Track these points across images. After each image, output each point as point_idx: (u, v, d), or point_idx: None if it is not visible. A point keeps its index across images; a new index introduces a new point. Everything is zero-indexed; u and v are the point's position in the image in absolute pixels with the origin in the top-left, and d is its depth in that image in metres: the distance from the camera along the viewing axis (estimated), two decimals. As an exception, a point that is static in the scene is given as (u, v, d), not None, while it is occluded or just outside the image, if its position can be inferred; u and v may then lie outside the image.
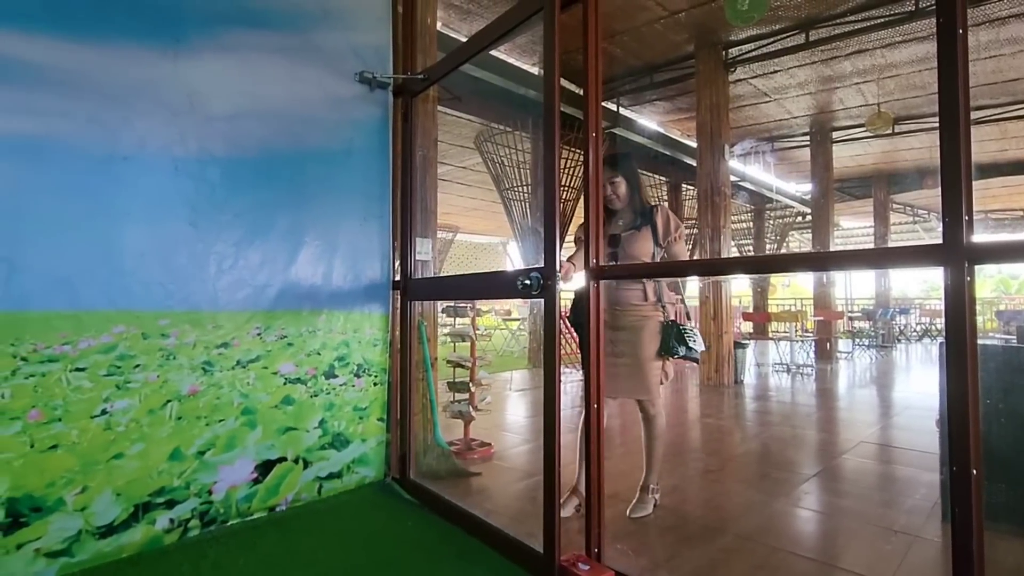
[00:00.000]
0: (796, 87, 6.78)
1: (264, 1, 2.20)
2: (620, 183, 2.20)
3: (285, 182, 2.25)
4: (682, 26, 5.40)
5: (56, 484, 1.69)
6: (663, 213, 2.22)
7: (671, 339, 2.13)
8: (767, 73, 6.33)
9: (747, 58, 5.86)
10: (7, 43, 1.65)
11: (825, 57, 5.91)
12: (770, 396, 5.29)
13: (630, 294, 2.17)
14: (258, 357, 2.15)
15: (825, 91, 6.94)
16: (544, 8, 1.75)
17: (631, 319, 2.17)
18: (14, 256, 1.64)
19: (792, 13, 5.12)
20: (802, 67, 6.18)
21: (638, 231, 2.19)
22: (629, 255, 2.17)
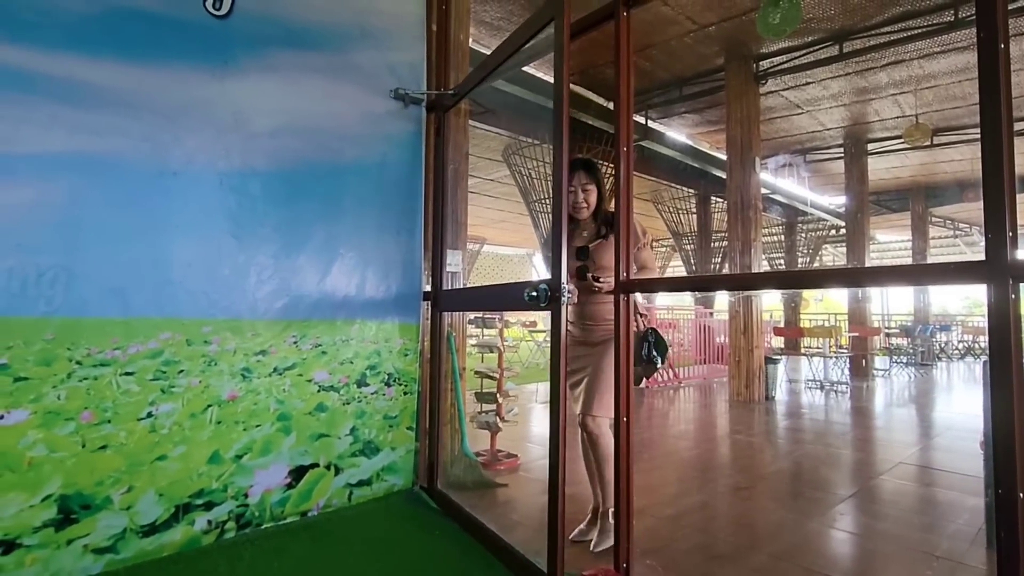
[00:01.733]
0: (829, 99, 6.68)
1: (307, 23, 2.29)
2: (592, 190, 2.11)
3: (322, 195, 2.32)
4: (712, 39, 5.39)
5: (104, 483, 1.77)
6: None
7: (650, 348, 2.00)
8: (799, 85, 6.25)
9: (778, 70, 5.80)
10: (75, 67, 1.76)
11: (860, 68, 5.82)
12: (803, 413, 5.16)
13: (602, 308, 2.06)
14: (294, 365, 2.22)
15: (860, 102, 6.81)
16: (555, 19, 1.78)
17: (600, 333, 2.06)
18: (73, 265, 1.73)
19: (825, 25, 5.06)
20: (835, 78, 6.09)
21: (605, 240, 2.09)
22: (600, 266, 2.07)
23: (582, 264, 2.08)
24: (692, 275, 9.72)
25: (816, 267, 12.88)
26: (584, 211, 2.11)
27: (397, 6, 2.59)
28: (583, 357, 2.09)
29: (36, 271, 1.67)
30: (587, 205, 2.11)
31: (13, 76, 1.66)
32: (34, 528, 1.64)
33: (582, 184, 2.09)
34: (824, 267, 14.93)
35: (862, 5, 4.65)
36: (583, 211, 2.11)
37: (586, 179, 2.10)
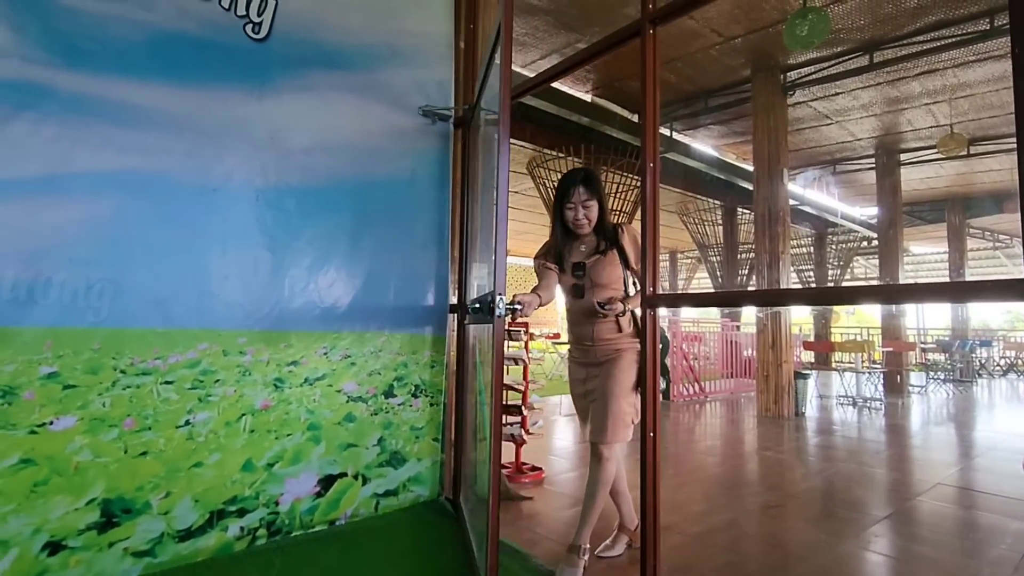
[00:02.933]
0: (859, 109, 6.56)
1: (340, 45, 2.37)
2: (593, 206, 1.98)
3: (352, 210, 2.38)
4: (738, 51, 5.37)
5: (144, 488, 1.83)
6: (631, 234, 2.00)
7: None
8: (828, 96, 6.17)
9: (807, 81, 5.74)
10: (125, 90, 1.86)
11: (891, 78, 5.71)
12: (834, 430, 5.02)
13: (601, 327, 1.96)
14: (324, 375, 2.27)
15: (892, 112, 6.68)
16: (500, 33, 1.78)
17: (603, 353, 1.95)
18: (120, 278, 1.82)
19: (855, 35, 5.00)
20: (866, 88, 5.99)
21: (604, 256, 1.98)
22: (598, 283, 1.96)
23: (578, 282, 1.97)
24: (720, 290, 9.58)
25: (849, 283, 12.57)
26: (584, 227, 1.99)
27: (426, 26, 2.67)
28: (587, 380, 2.00)
29: (86, 284, 1.76)
30: (588, 221, 1.98)
31: (71, 100, 1.76)
32: (79, 530, 1.71)
33: (582, 200, 1.97)
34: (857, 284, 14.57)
35: (893, 15, 4.59)
36: (583, 227, 1.99)
37: (586, 195, 1.97)
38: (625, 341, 1.95)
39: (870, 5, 4.45)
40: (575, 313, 2.02)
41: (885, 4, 4.42)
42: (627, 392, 1.89)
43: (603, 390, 1.91)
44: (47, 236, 1.71)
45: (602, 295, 1.93)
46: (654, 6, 1.76)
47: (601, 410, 1.90)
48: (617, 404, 1.87)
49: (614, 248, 1.98)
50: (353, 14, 2.41)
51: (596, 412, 1.91)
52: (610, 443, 1.87)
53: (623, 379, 1.90)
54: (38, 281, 1.68)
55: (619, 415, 1.87)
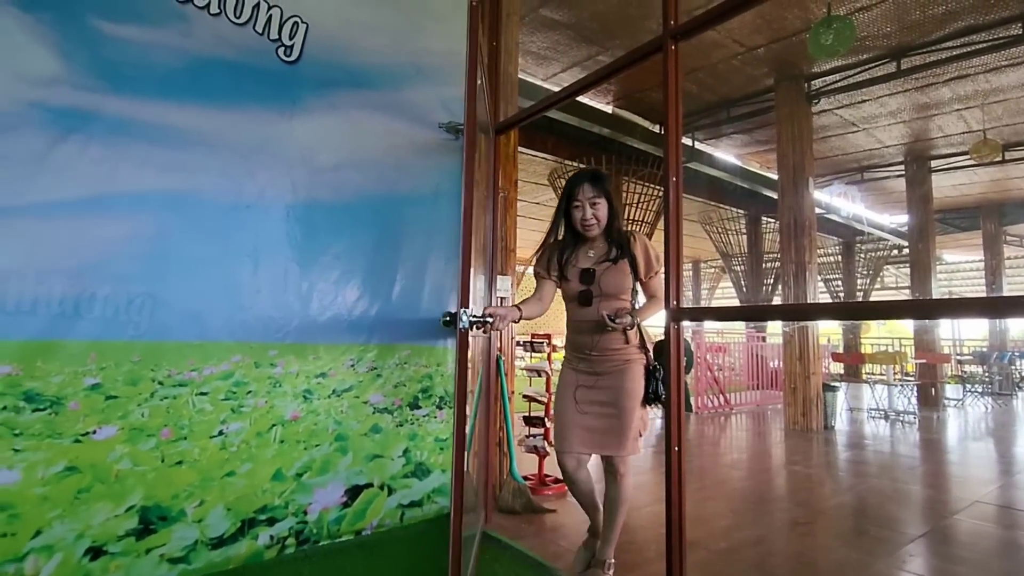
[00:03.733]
0: (887, 116, 6.45)
1: (367, 65, 2.44)
2: (602, 205, 1.90)
3: (379, 224, 2.44)
4: (760, 61, 5.34)
5: (179, 496, 1.89)
6: (642, 243, 1.94)
7: (658, 384, 1.88)
8: (855, 103, 6.08)
9: (832, 89, 5.67)
10: (164, 112, 1.95)
11: (920, 84, 5.61)
12: (866, 444, 4.89)
13: (609, 337, 1.89)
14: (351, 387, 2.31)
15: (921, 119, 6.54)
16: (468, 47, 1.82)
17: (611, 364, 1.89)
18: (158, 292, 1.89)
19: (881, 42, 4.93)
20: (893, 95, 5.89)
21: (614, 264, 1.89)
22: (606, 293, 1.89)
23: (586, 289, 1.89)
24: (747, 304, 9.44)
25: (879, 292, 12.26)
26: (594, 228, 1.90)
27: (450, 45, 2.72)
28: (591, 389, 1.91)
29: (127, 298, 1.84)
30: (597, 221, 1.89)
31: (115, 123, 1.85)
32: (118, 536, 1.77)
33: (588, 198, 1.89)
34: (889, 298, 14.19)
35: (921, 22, 4.52)
36: (593, 228, 1.90)
37: (592, 192, 1.89)
38: (633, 352, 1.89)
39: (896, 12, 4.40)
40: (579, 321, 1.93)
41: (912, 11, 4.36)
42: (637, 405, 1.87)
43: (617, 405, 1.86)
44: (92, 253, 1.79)
45: (610, 305, 1.86)
46: (676, 22, 1.78)
47: (616, 426, 1.85)
48: (631, 418, 1.85)
49: (625, 257, 1.90)
50: (379, 35, 2.48)
51: (610, 427, 1.86)
52: (626, 458, 1.87)
53: (635, 392, 1.86)
54: (83, 296, 1.76)
55: (633, 429, 1.85)
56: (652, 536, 2.40)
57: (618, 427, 1.85)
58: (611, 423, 1.86)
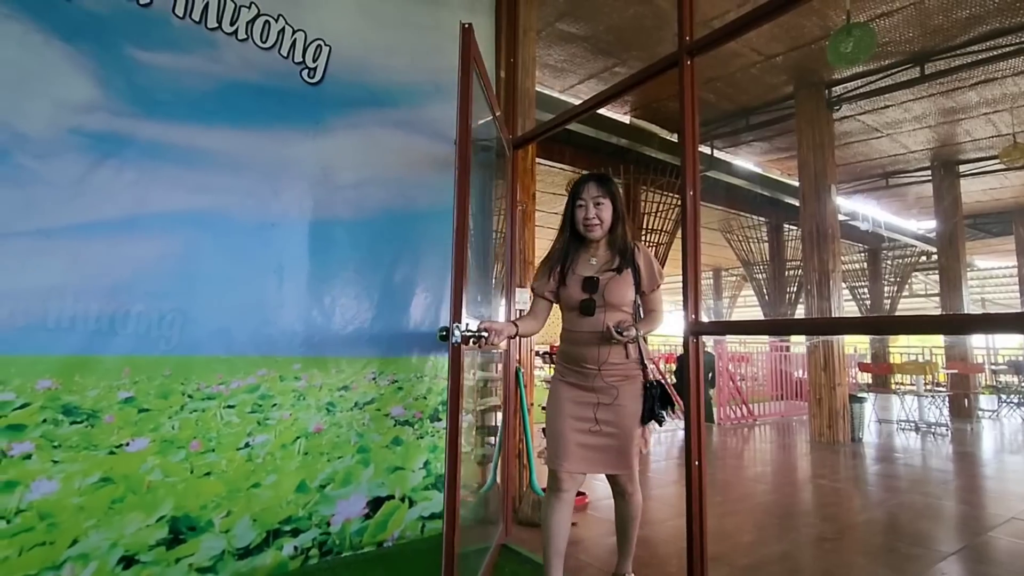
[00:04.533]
0: (912, 121, 6.33)
1: (388, 84, 2.50)
2: (607, 206, 1.80)
3: (399, 240, 2.49)
4: (779, 69, 5.31)
5: (207, 507, 1.94)
6: (645, 255, 1.85)
7: (655, 403, 1.79)
8: (877, 109, 5.99)
9: (854, 95, 5.59)
10: (194, 135, 2.03)
11: (946, 89, 5.50)
12: (895, 458, 4.76)
13: (612, 351, 1.79)
14: (372, 400, 2.35)
15: (948, 123, 6.41)
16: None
17: (611, 380, 1.78)
18: (188, 309, 1.96)
19: (904, 48, 4.86)
20: (918, 100, 5.79)
21: (618, 275, 1.79)
22: (610, 303, 1.77)
23: (588, 298, 1.78)
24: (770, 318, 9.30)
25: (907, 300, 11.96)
26: (597, 229, 1.80)
27: (468, 62, 2.77)
28: (588, 406, 1.79)
29: (159, 315, 1.91)
30: (600, 222, 1.79)
31: (148, 147, 1.93)
32: (149, 546, 1.82)
33: (593, 197, 1.79)
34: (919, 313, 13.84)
35: (944, 27, 4.44)
36: (595, 229, 1.80)
37: (597, 192, 1.79)
38: (633, 367, 1.80)
39: (919, 17, 4.33)
40: (578, 332, 1.81)
41: (935, 16, 4.29)
42: (637, 424, 1.79)
43: (618, 424, 1.77)
44: (126, 272, 1.86)
45: (614, 317, 1.76)
46: (691, 37, 1.80)
47: (618, 444, 1.77)
48: (632, 437, 1.77)
49: (629, 268, 1.81)
50: (399, 56, 2.54)
51: (611, 446, 1.77)
52: (633, 475, 1.81)
53: (635, 410, 1.78)
54: (118, 313, 1.84)
55: (635, 447, 1.79)
56: (673, 551, 2.37)
57: (620, 446, 1.77)
58: (612, 442, 1.77)
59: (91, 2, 1.88)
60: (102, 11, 1.90)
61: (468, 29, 1.82)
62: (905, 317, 2.72)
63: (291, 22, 2.27)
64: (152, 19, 1.99)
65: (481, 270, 2.77)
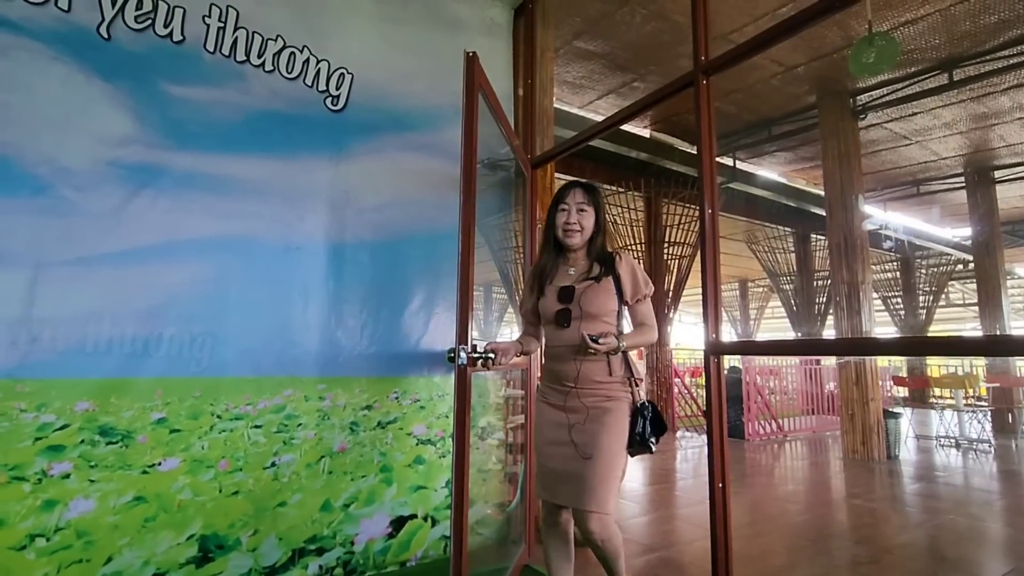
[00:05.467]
0: (942, 127, 6.18)
1: (408, 109, 2.57)
2: (589, 215, 1.70)
3: (421, 260, 2.53)
4: (801, 79, 5.26)
5: (235, 525, 1.98)
6: (628, 264, 1.71)
7: (645, 428, 1.59)
8: (905, 116, 5.86)
9: (880, 103, 5.50)
10: (224, 164, 2.11)
11: (976, 95, 5.37)
12: (935, 476, 4.58)
13: (592, 366, 1.62)
14: (395, 419, 2.38)
15: (980, 129, 6.24)
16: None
17: (591, 399, 1.60)
18: (217, 331, 2.02)
19: (930, 54, 4.77)
20: (947, 107, 5.65)
21: (597, 283, 1.66)
22: (587, 313, 1.63)
23: (564, 307, 1.65)
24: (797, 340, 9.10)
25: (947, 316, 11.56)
26: (576, 236, 1.69)
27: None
28: (563, 428, 1.61)
29: (190, 337, 1.97)
30: (580, 229, 1.69)
31: (181, 176, 2.02)
32: (180, 564, 1.87)
33: (577, 203, 1.70)
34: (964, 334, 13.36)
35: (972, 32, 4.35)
36: (575, 236, 1.69)
37: (582, 198, 1.71)
38: (618, 388, 1.63)
39: (944, 24, 4.25)
40: (556, 346, 1.67)
41: (961, 21, 4.21)
42: (620, 451, 1.59)
43: (597, 447, 1.55)
44: (160, 296, 1.94)
45: (593, 328, 1.61)
46: (707, 57, 1.81)
47: (589, 473, 1.53)
48: (608, 466, 1.54)
49: (610, 276, 1.68)
50: (419, 81, 2.61)
51: (581, 474, 1.55)
52: (604, 517, 1.51)
53: (616, 434, 1.57)
54: (152, 336, 1.91)
55: (610, 480, 1.54)
56: (700, 574, 2.32)
57: (591, 474, 1.52)
58: (582, 469, 1.54)
59: (129, 41, 1.99)
60: (139, 50, 2.00)
61: (472, 57, 1.87)
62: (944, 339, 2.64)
63: (315, 52, 2.36)
64: (185, 55, 2.08)
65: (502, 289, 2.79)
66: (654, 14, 4.26)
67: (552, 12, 3.25)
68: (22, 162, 1.78)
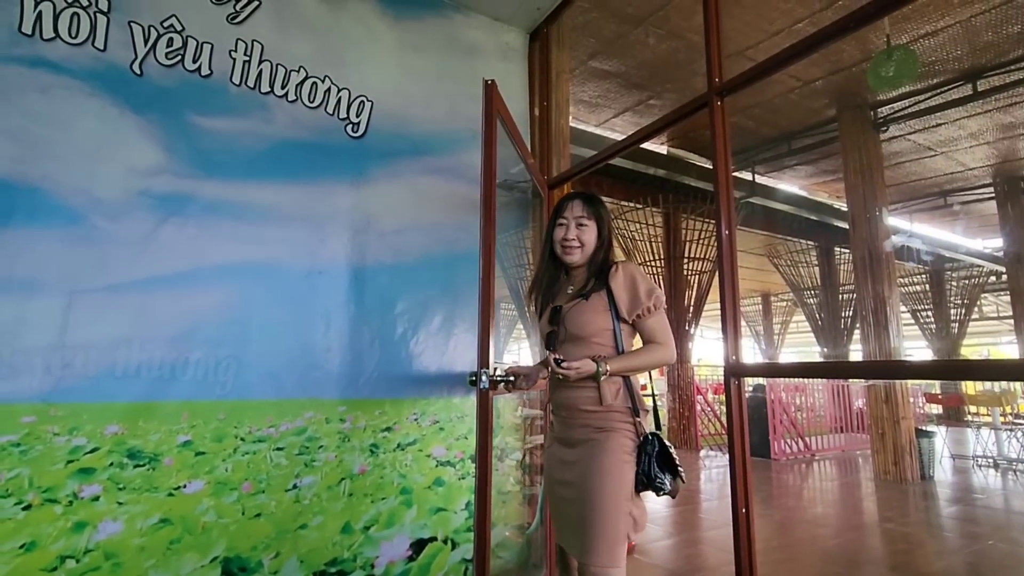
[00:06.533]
0: (968, 138, 6.06)
1: (427, 134, 2.62)
2: (590, 229, 1.53)
3: (440, 282, 2.55)
4: (819, 93, 5.22)
5: (257, 548, 2.00)
6: (625, 275, 1.49)
7: (651, 464, 1.37)
8: (928, 128, 5.77)
9: (902, 115, 5.42)
10: (248, 192, 2.17)
11: (1003, 104, 5.26)
12: (973, 499, 4.40)
13: (577, 394, 1.43)
14: (415, 440, 2.38)
15: (1008, 139, 6.10)
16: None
17: (583, 431, 1.42)
18: (242, 355, 2.06)
19: (952, 65, 4.70)
20: (972, 117, 5.55)
21: (586, 300, 1.48)
22: (573, 334, 1.47)
23: (552, 330, 1.52)
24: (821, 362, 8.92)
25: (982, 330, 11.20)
26: (575, 253, 1.53)
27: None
28: (565, 466, 1.45)
29: (215, 361, 2.02)
30: (580, 244, 1.52)
31: (208, 204, 2.08)
32: (203, 587, 1.88)
33: (576, 217, 1.53)
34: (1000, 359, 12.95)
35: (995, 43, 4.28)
36: (574, 253, 1.53)
37: (582, 211, 1.54)
38: (614, 419, 1.41)
39: (966, 35, 4.20)
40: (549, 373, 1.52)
41: (983, 33, 4.15)
42: (620, 493, 1.34)
43: (586, 490, 1.35)
44: (187, 321, 1.99)
45: (581, 351, 1.43)
46: (720, 79, 1.81)
47: (586, 519, 1.33)
48: (604, 511, 1.32)
49: (602, 290, 1.48)
50: (437, 106, 2.66)
51: (578, 521, 1.35)
52: (606, 567, 1.30)
53: (610, 473, 1.35)
54: (178, 361, 1.96)
55: (610, 528, 1.31)
56: (727, 601, 2.27)
57: (588, 521, 1.33)
58: (578, 513, 1.36)
59: (160, 76, 2.07)
60: (169, 84, 2.08)
61: (491, 85, 1.90)
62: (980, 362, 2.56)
63: (336, 82, 2.43)
64: (212, 88, 2.17)
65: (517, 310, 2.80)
66: (669, 34, 4.30)
67: (567, 35, 3.30)
68: (58, 193, 1.86)
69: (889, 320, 4.99)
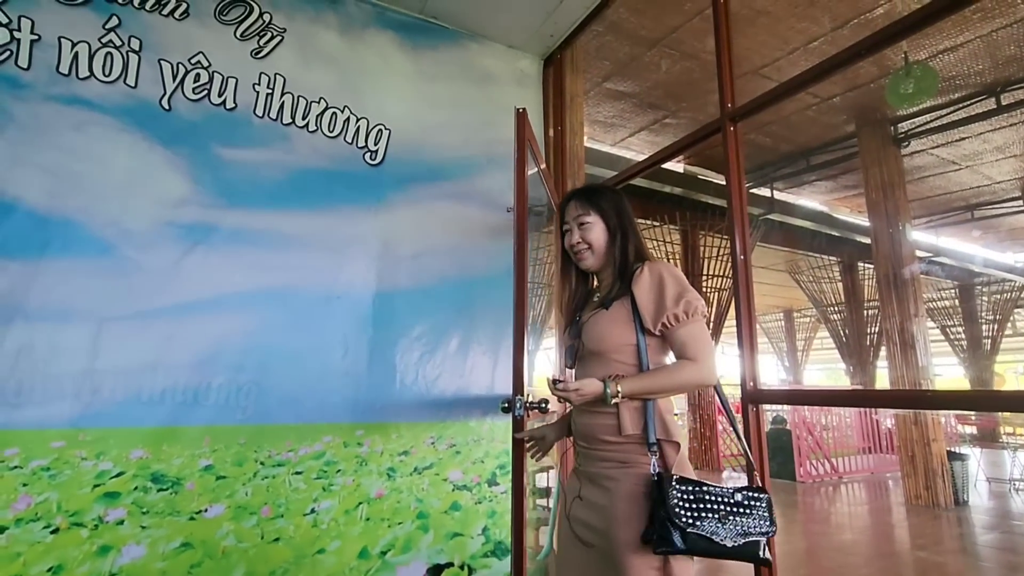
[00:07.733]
0: (994, 151, 5.94)
1: (443, 160, 2.67)
2: (594, 224, 1.34)
3: (456, 305, 2.57)
4: (837, 109, 5.18)
5: (276, 573, 2.01)
6: (652, 276, 1.25)
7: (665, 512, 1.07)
8: (952, 142, 5.67)
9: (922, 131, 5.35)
10: (270, 220, 2.23)
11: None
12: (1011, 526, 4.22)
13: (594, 421, 1.24)
14: (431, 464, 2.39)
15: (1036, 151, 5.96)
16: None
17: (601, 465, 1.22)
18: (262, 380, 2.10)
19: (974, 80, 4.64)
20: (998, 130, 5.44)
21: (606, 309, 1.28)
22: (590, 350, 1.28)
23: (571, 344, 1.36)
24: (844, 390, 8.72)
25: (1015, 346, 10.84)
26: (587, 257, 1.35)
27: (518, 132, 2.91)
28: (586, 507, 1.22)
29: (237, 386, 2.06)
30: (588, 245, 1.34)
31: (231, 233, 2.15)
32: (222, 612, 1.90)
33: (575, 218, 1.36)
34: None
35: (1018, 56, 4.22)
36: (586, 257, 1.35)
37: (579, 210, 1.36)
38: (633, 451, 1.18)
39: (987, 49, 4.15)
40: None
41: (1005, 46, 4.09)
42: (633, 543, 1.10)
43: (605, 535, 1.14)
44: (209, 347, 2.04)
45: (600, 369, 1.24)
46: (733, 104, 1.82)
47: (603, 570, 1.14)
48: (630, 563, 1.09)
49: (625, 296, 1.27)
50: (453, 133, 2.71)
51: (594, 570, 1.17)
52: None
53: (632, 523, 1.12)
54: (201, 386, 2.00)
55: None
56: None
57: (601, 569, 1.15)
58: (595, 563, 1.16)
59: (187, 111, 2.16)
60: (196, 118, 2.17)
61: (523, 114, 1.93)
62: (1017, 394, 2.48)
63: (355, 111, 2.49)
64: (236, 120, 2.24)
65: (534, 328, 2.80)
66: (683, 54, 4.33)
67: (580, 59, 3.35)
68: (91, 226, 1.94)
69: (916, 338, 4.86)
